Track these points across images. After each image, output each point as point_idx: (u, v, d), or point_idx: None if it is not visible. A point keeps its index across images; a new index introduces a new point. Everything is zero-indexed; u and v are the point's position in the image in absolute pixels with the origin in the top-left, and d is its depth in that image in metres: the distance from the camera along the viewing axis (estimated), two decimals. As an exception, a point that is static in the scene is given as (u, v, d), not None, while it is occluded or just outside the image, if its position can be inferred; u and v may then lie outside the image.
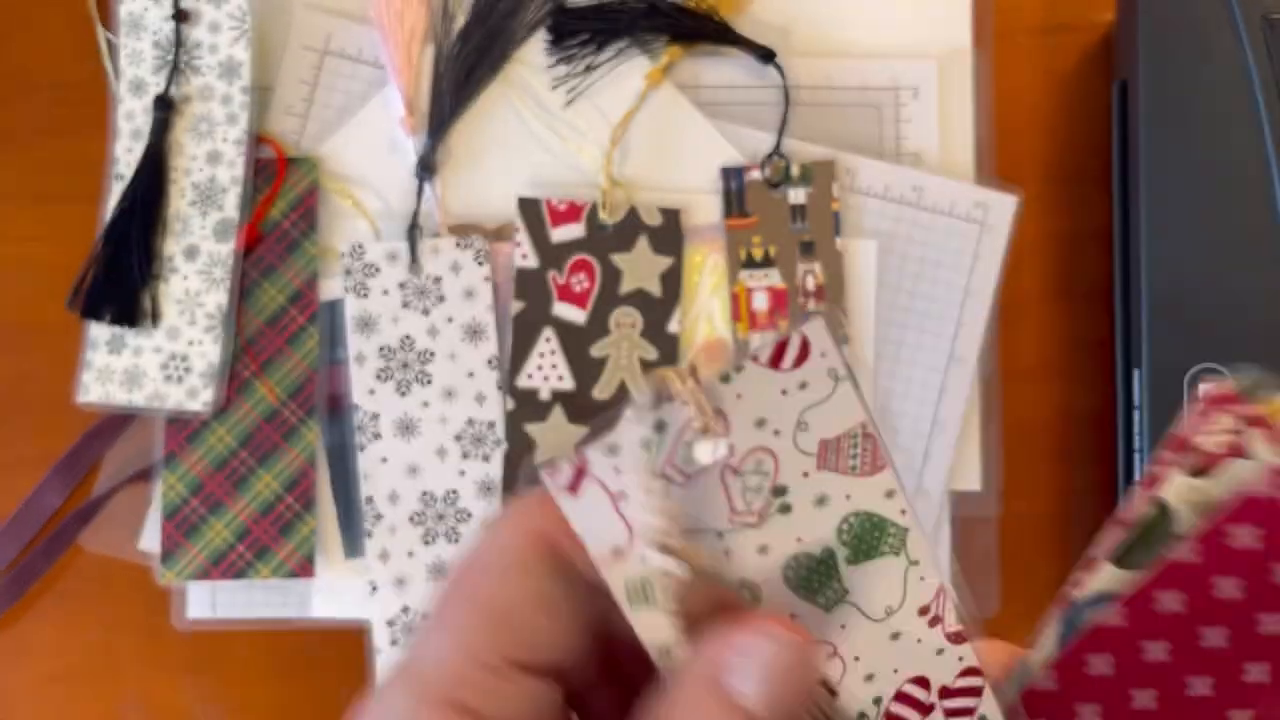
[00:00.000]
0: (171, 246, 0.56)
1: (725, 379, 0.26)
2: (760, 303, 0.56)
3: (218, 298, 0.55)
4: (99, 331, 0.56)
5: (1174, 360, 0.52)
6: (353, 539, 0.55)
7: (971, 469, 0.56)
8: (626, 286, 0.56)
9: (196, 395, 0.54)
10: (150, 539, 0.56)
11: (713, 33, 0.57)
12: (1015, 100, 0.59)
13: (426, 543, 0.55)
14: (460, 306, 0.56)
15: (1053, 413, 0.58)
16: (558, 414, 0.56)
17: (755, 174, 0.57)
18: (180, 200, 0.56)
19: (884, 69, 0.58)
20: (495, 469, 0.55)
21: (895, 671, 0.28)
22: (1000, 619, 0.56)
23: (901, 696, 0.28)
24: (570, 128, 0.57)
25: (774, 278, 0.56)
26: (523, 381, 0.56)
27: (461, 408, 0.56)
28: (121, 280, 0.55)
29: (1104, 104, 0.58)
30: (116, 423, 0.57)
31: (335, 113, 0.58)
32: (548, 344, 0.56)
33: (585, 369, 0.56)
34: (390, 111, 0.58)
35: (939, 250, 0.57)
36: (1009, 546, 0.56)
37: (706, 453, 0.26)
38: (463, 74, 0.57)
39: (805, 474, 0.26)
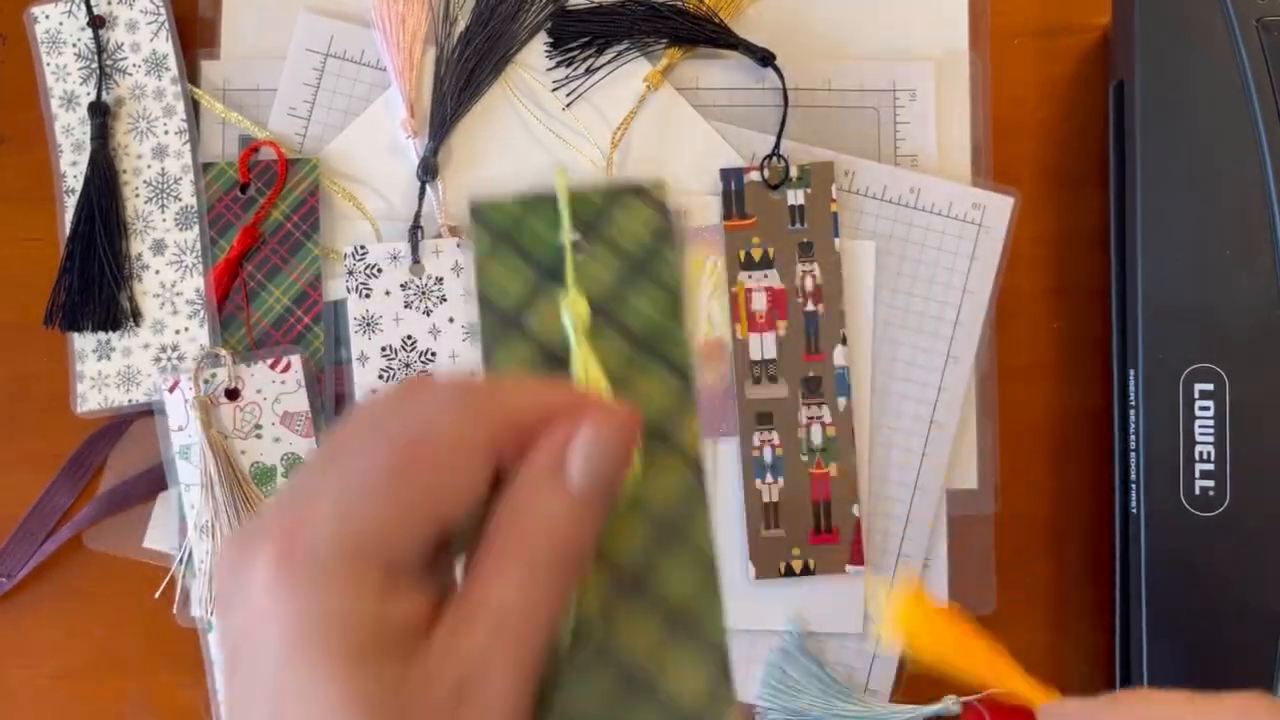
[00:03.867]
0: (138, 245, 0.57)
1: None
2: (759, 303, 0.56)
3: (194, 283, 0.56)
4: (84, 342, 0.56)
5: (1170, 359, 0.53)
6: (355, 537, 0.56)
7: (968, 467, 0.57)
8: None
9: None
10: (155, 538, 0.56)
11: (712, 36, 0.57)
12: (1012, 102, 0.59)
13: (429, 541, 0.55)
14: (462, 307, 0.56)
15: (1049, 412, 0.58)
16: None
17: (754, 175, 0.57)
18: (136, 200, 0.57)
19: (882, 71, 0.58)
20: (497, 468, 0.56)
21: None
22: (996, 617, 0.56)
23: None
24: (570, 130, 0.58)
25: (773, 278, 0.57)
26: None
27: (463, 407, 0.56)
28: (95, 289, 0.56)
29: (1100, 106, 0.59)
30: (120, 422, 0.57)
31: (338, 115, 0.58)
32: None
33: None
34: (392, 113, 0.58)
35: (936, 251, 0.57)
36: (1005, 544, 0.57)
37: None
38: (464, 76, 0.58)
39: None
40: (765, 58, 0.57)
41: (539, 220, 0.36)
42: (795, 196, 0.57)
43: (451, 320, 0.56)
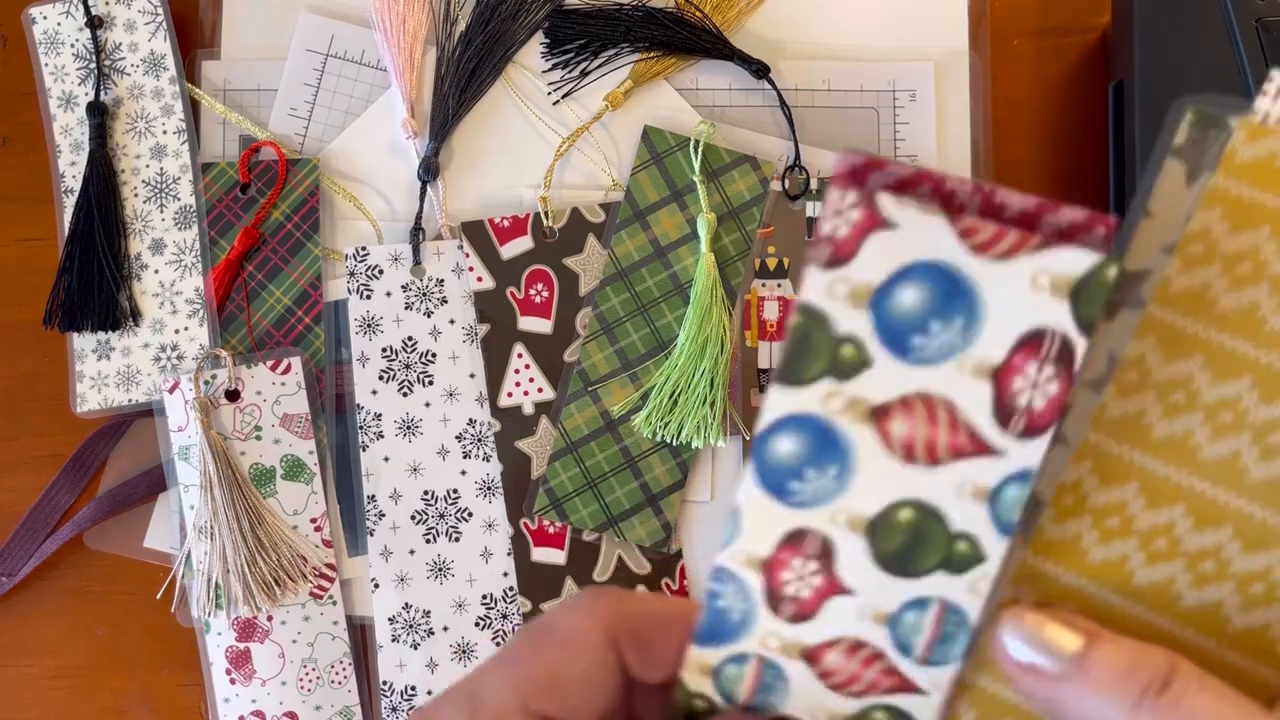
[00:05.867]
0: (137, 245, 0.57)
1: None
2: (771, 312, 0.56)
3: (194, 282, 0.56)
4: (83, 342, 0.56)
5: (1169, 360, 0.52)
6: (355, 537, 0.56)
7: (968, 468, 0.57)
8: (585, 287, 0.57)
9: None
10: (156, 538, 0.57)
11: (708, 45, 0.57)
12: (1011, 102, 0.59)
13: (428, 541, 0.55)
14: (462, 308, 0.56)
15: (1049, 412, 0.58)
16: (544, 425, 0.56)
17: (775, 185, 0.57)
18: (135, 199, 0.57)
19: (881, 72, 0.58)
20: (496, 469, 0.56)
21: None
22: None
23: None
24: (566, 127, 0.58)
25: (786, 288, 0.56)
26: (504, 401, 0.56)
27: (463, 408, 0.56)
28: (94, 289, 0.56)
29: (1100, 106, 0.59)
30: (120, 422, 0.57)
31: (338, 115, 0.58)
32: (520, 359, 0.56)
33: (561, 376, 0.56)
34: (393, 114, 0.58)
35: (936, 251, 0.57)
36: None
37: None
38: (464, 77, 0.58)
39: None
40: (760, 70, 0.57)
41: (684, 156, 0.55)
42: (814, 209, 0.57)
43: (452, 322, 0.56)
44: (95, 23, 0.57)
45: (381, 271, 0.57)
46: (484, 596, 0.55)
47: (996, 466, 0.26)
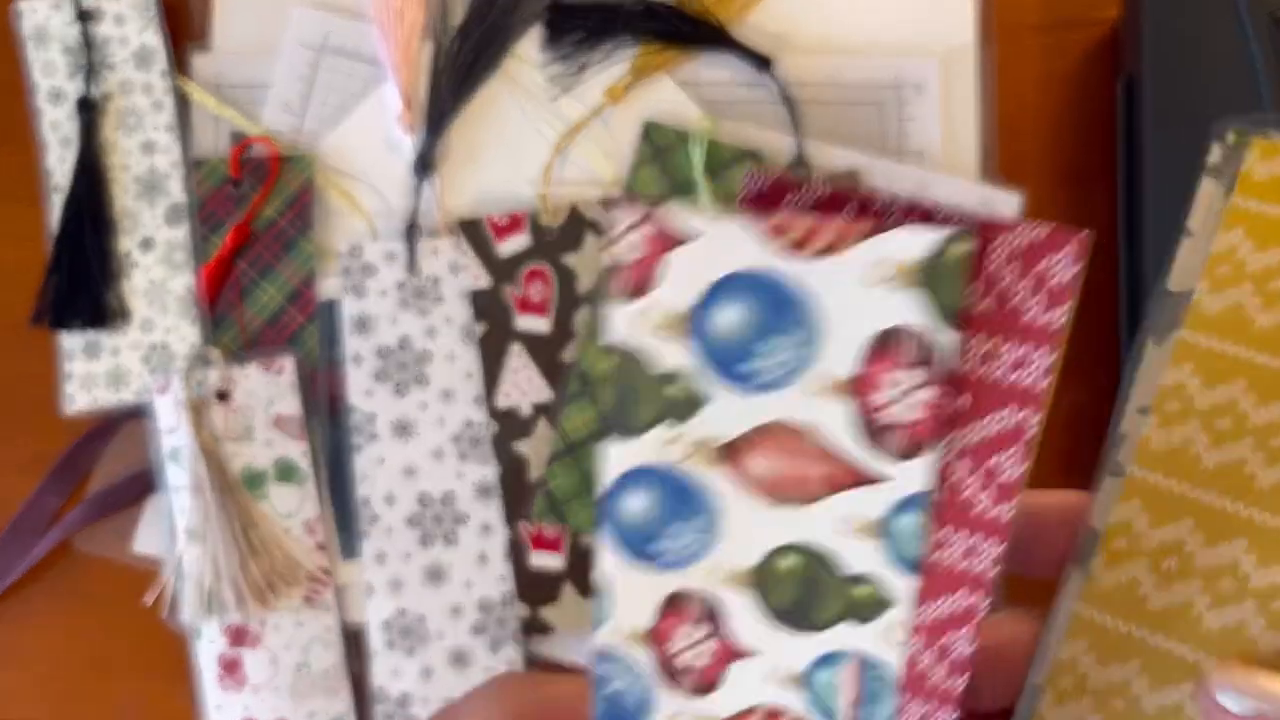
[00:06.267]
0: (126, 243, 0.56)
1: None
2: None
3: (184, 280, 0.56)
4: (72, 341, 0.56)
5: (1179, 360, 0.52)
6: (349, 540, 0.55)
7: (974, 470, 0.56)
8: (584, 286, 0.56)
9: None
10: (145, 541, 0.56)
11: (709, 37, 0.56)
12: (1019, 97, 0.58)
13: (423, 545, 0.55)
14: (459, 307, 0.56)
15: (1057, 413, 0.57)
16: (542, 427, 0.55)
17: None
18: (125, 196, 0.56)
19: (887, 66, 0.57)
20: (493, 471, 0.55)
21: None
22: (1003, 622, 0.55)
23: None
24: (564, 122, 0.57)
25: (787, 286, 0.56)
26: (501, 402, 0.55)
27: (459, 409, 0.55)
28: (83, 287, 0.55)
29: (1109, 101, 0.58)
30: (111, 423, 0.57)
31: (332, 110, 0.58)
32: (518, 359, 0.56)
33: (560, 376, 0.56)
34: (388, 109, 0.57)
35: (942, 249, 0.56)
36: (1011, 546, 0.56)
37: None
38: (461, 71, 0.57)
39: None
40: (763, 63, 0.56)
41: (685, 152, 0.53)
42: (815, 203, 0.56)
43: (449, 321, 0.56)
44: (85, 16, 0.57)
45: (376, 270, 0.56)
46: (480, 601, 0.55)
47: (879, 495, 0.23)
